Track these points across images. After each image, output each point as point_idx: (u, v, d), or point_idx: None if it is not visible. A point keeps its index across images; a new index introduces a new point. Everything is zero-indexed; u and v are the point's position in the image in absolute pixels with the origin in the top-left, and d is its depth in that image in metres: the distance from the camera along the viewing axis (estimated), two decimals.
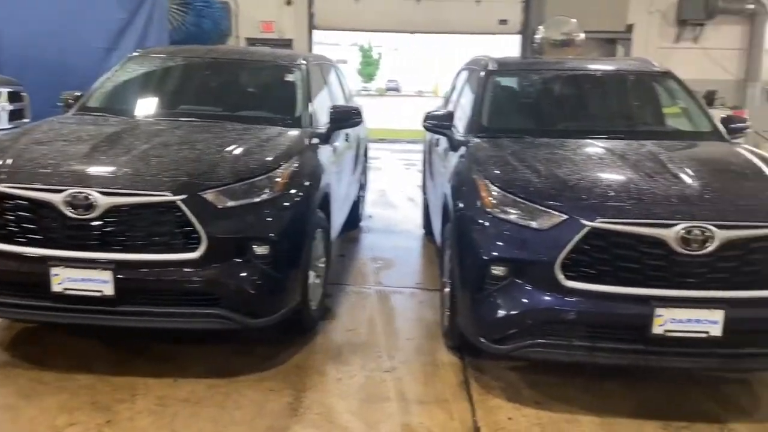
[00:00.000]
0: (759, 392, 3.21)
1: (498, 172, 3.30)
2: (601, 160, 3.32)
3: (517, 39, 13.49)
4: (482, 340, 3.07)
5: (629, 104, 4.47)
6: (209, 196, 3.13)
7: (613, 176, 3.09)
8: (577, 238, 2.79)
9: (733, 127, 4.04)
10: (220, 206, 3.14)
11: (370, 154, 7.45)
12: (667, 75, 4.45)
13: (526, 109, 4.43)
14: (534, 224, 2.93)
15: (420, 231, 6.55)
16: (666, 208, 2.79)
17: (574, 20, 8.95)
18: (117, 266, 3.03)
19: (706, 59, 12.61)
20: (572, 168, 3.21)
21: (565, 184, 3.04)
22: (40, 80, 8.74)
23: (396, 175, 10.43)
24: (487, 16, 13.19)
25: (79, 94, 4.59)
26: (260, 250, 3.19)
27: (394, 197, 8.44)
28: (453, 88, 5.97)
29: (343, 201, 5.03)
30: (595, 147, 3.59)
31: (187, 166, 3.23)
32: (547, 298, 2.87)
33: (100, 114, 4.30)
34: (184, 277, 3.08)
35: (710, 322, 2.69)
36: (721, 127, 4.04)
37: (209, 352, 3.51)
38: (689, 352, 2.78)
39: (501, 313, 2.95)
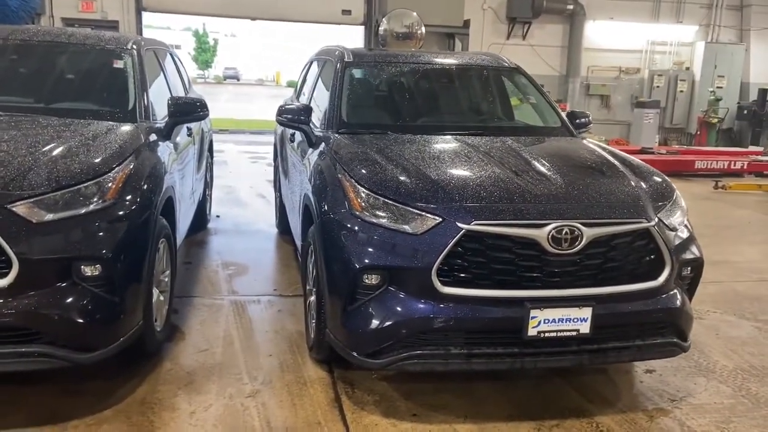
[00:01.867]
0: (616, 379, 3.34)
1: (365, 171, 3.07)
2: (468, 157, 3.23)
3: (360, 30, 13.46)
4: (354, 354, 2.84)
5: (486, 99, 4.49)
6: (20, 209, 2.55)
7: (482, 175, 3.00)
8: (452, 241, 2.66)
9: (579, 122, 4.20)
10: (35, 221, 2.57)
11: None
12: (516, 70, 4.52)
13: (386, 104, 4.25)
14: (408, 228, 2.75)
15: (273, 230, 6.20)
16: (537, 208, 2.76)
17: (415, 14, 9.05)
18: None
19: (533, 55, 13.53)
20: (441, 167, 3.09)
21: (437, 184, 2.89)
22: None
23: (243, 169, 9.88)
24: (330, 6, 12.99)
25: None
26: (90, 270, 2.68)
27: (242, 194, 7.95)
28: (303, 80, 5.67)
29: (188, 204, 4.52)
30: (460, 144, 3.50)
31: None
32: (423, 306, 2.71)
33: None
34: None
35: (580, 320, 2.71)
36: (568, 122, 4.18)
37: (30, 393, 2.91)
38: (561, 351, 2.79)
39: (375, 324, 2.75)
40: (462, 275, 2.71)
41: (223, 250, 5.47)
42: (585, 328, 2.72)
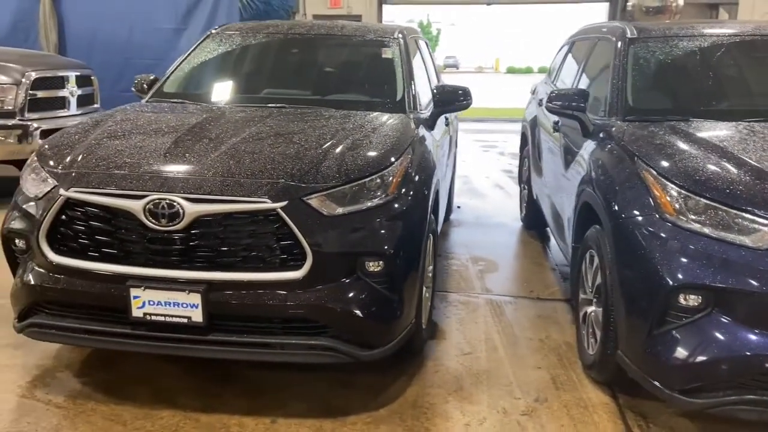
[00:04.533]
0: None
1: (675, 164, 2.57)
2: None
3: (602, 8, 12.45)
4: (661, 387, 2.38)
5: None
6: (314, 201, 2.55)
7: None
8: None
9: None
10: (327, 214, 2.55)
11: None
12: None
13: (684, 85, 3.61)
14: (746, 240, 2.21)
15: (516, 224, 5.89)
16: None
17: None
18: (207, 288, 2.50)
19: None
20: None
21: None
22: (107, 62, 8.47)
23: (476, 158, 9.71)
24: None
25: (153, 77, 4.11)
26: (373, 266, 2.60)
27: (479, 184, 7.75)
28: (561, 64, 5.22)
29: (444, 195, 4.39)
30: None
31: (287, 165, 2.65)
32: (764, 340, 2.15)
33: (179, 101, 3.80)
34: (284, 300, 2.52)
35: None
36: None
37: (309, 381, 2.97)
38: None
39: (693, 356, 2.27)
40: None
41: (468, 243, 5.29)
42: None
